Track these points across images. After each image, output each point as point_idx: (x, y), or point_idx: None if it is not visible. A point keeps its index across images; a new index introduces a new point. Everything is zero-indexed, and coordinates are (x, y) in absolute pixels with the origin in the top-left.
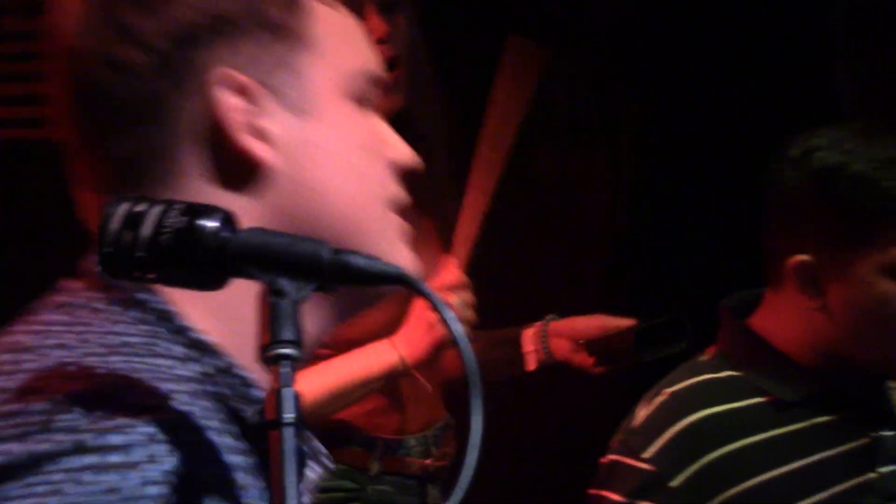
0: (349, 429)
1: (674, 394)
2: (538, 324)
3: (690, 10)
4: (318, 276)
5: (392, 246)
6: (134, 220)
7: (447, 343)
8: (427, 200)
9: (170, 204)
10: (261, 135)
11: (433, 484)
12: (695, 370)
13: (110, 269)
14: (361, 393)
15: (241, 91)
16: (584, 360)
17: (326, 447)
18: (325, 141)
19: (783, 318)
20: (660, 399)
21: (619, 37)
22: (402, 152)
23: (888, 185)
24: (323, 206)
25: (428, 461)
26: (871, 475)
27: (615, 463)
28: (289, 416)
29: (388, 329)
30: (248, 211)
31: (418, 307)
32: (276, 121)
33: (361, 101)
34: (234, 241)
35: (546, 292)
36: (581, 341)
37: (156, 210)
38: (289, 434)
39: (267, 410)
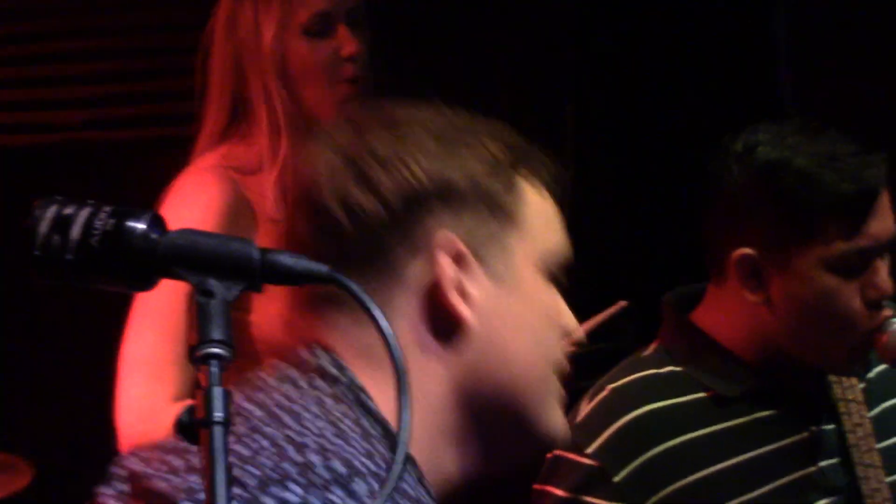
0: None
1: (615, 390)
2: None
3: (638, 4)
4: (248, 275)
5: (551, 408)
6: (63, 223)
7: None
8: None
9: (98, 206)
10: (465, 296)
11: None
12: (636, 366)
13: (40, 272)
14: None
15: (457, 256)
16: None
17: None
18: (516, 309)
19: (725, 313)
20: (602, 395)
21: (565, 24)
22: (575, 325)
23: (830, 179)
24: (504, 366)
25: None
26: (812, 469)
27: (559, 458)
28: (218, 414)
29: None
30: (445, 361)
31: None
32: (480, 286)
33: (549, 276)
34: (163, 242)
35: None
36: None
37: (84, 212)
38: (218, 432)
39: (197, 409)
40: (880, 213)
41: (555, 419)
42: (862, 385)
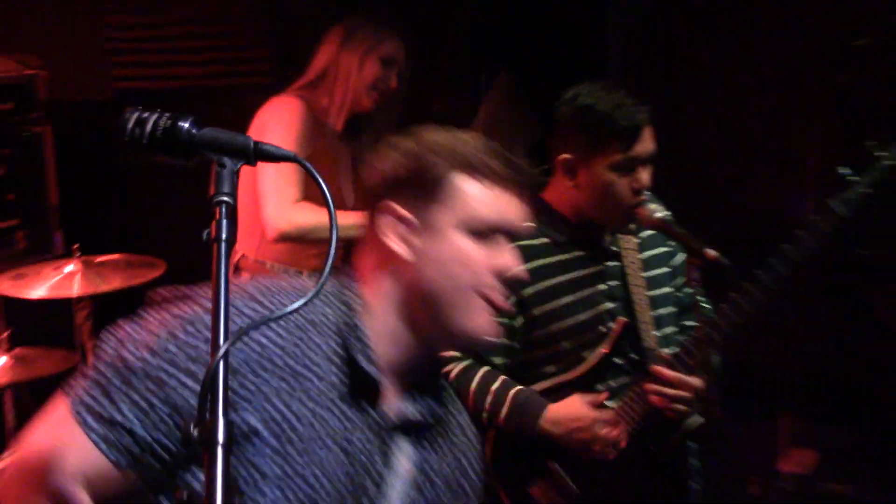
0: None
1: None
2: None
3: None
4: (246, 156)
5: (465, 314)
6: (142, 123)
7: None
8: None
9: (163, 112)
10: (403, 239)
11: None
12: None
13: (127, 152)
14: (350, 233)
15: (401, 217)
16: None
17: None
18: (436, 253)
19: (557, 193)
20: None
21: (480, 21)
22: (505, 263)
23: (616, 118)
24: (426, 285)
25: None
26: (603, 286)
27: None
28: (223, 235)
29: None
30: (391, 275)
31: None
32: (417, 236)
33: (480, 234)
34: (198, 135)
35: None
36: None
37: (154, 116)
38: (222, 247)
39: (211, 232)
40: (643, 140)
41: (471, 323)
42: (636, 239)
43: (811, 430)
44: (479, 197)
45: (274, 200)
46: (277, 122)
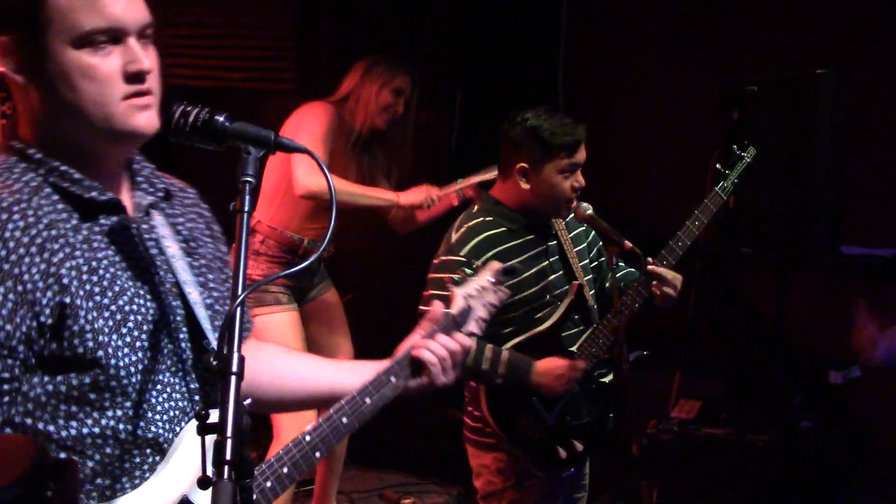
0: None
1: (468, 226)
2: (455, 186)
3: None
4: (267, 146)
5: (121, 121)
6: (185, 114)
7: (424, 205)
8: (393, 163)
9: (203, 107)
10: (22, 70)
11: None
12: (475, 216)
13: (172, 136)
14: (371, 203)
15: (9, 51)
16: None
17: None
18: (57, 75)
19: (506, 192)
20: (462, 229)
21: (451, 50)
22: (130, 62)
23: (559, 134)
24: (70, 111)
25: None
26: (546, 262)
27: (443, 260)
28: (246, 208)
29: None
30: (47, 117)
31: (423, 187)
32: (30, 64)
33: (93, 43)
34: (230, 126)
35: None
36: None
37: (195, 109)
38: (244, 217)
39: (236, 205)
40: (581, 150)
41: (129, 125)
42: (563, 222)
43: (697, 386)
44: (74, 7)
45: (306, 166)
46: (314, 117)
